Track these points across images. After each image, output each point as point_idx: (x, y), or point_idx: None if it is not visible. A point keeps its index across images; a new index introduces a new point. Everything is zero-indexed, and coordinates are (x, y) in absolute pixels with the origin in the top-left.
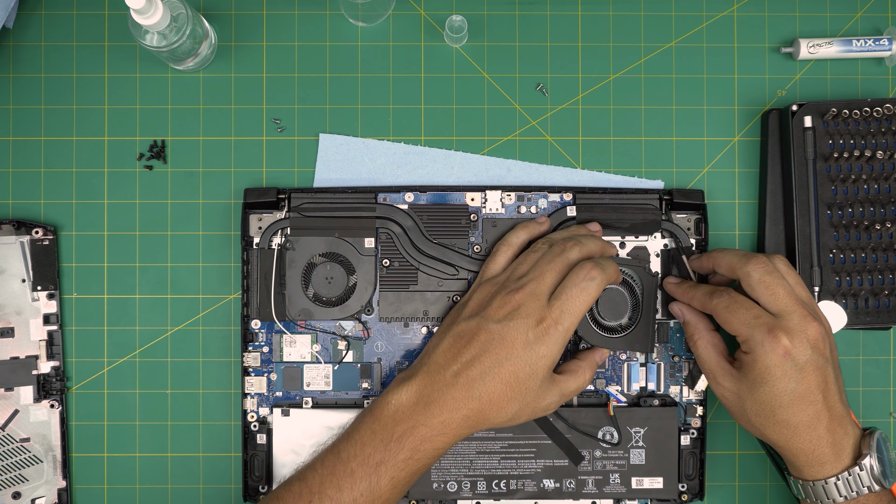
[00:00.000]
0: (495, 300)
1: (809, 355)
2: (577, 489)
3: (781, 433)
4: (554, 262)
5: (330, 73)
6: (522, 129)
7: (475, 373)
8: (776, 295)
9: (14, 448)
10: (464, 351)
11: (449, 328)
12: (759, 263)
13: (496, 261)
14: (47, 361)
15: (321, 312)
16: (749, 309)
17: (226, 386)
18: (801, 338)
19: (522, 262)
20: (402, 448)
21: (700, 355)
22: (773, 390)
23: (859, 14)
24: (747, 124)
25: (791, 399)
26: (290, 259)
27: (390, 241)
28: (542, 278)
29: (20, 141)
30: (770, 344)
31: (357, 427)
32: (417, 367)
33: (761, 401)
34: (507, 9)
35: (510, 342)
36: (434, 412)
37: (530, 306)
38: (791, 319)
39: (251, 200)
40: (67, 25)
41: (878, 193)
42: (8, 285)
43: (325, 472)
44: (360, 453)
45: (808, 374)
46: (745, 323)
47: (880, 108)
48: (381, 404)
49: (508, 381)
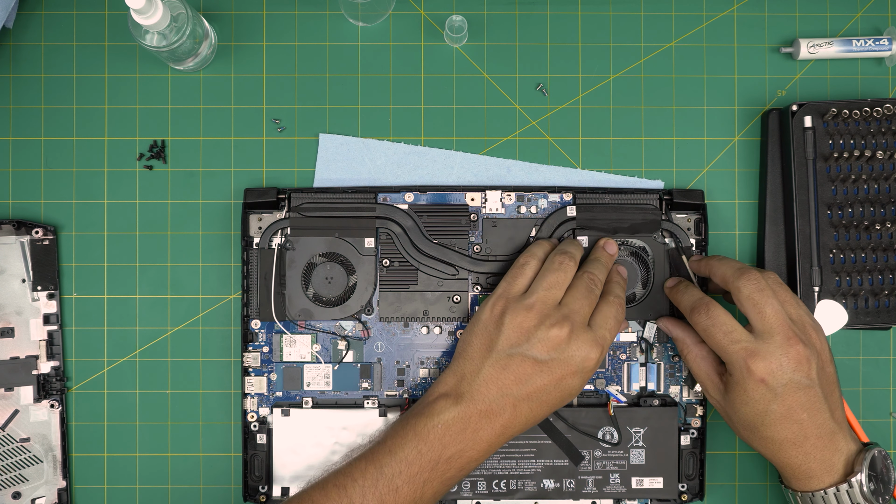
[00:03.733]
0: (538, 334)
1: (789, 378)
2: (577, 489)
3: (767, 447)
4: (590, 294)
5: (330, 73)
6: (522, 129)
7: (523, 403)
8: (763, 314)
9: (14, 448)
10: (510, 384)
11: (487, 355)
12: (750, 280)
13: (525, 274)
14: (47, 361)
15: (321, 312)
16: (727, 333)
17: (226, 386)
18: (780, 362)
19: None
20: (451, 468)
21: (691, 368)
22: (752, 411)
23: (859, 14)
24: (747, 124)
25: (773, 419)
26: (290, 259)
27: (390, 241)
28: (582, 311)
29: (20, 141)
30: (746, 371)
31: (401, 444)
32: (460, 392)
33: (744, 419)
34: (507, 9)
35: (561, 373)
36: (483, 438)
37: (579, 338)
38: (772, 342)
39: (251, 200)
40: (67, 25)
41: (878, 193)
42: (8, 285)
43: (367, 484)
44: (405, 471)
45: (787, 395)
46: (722, 347)
47: (880, 108)
48: (426, 425)
49: (554, 404)
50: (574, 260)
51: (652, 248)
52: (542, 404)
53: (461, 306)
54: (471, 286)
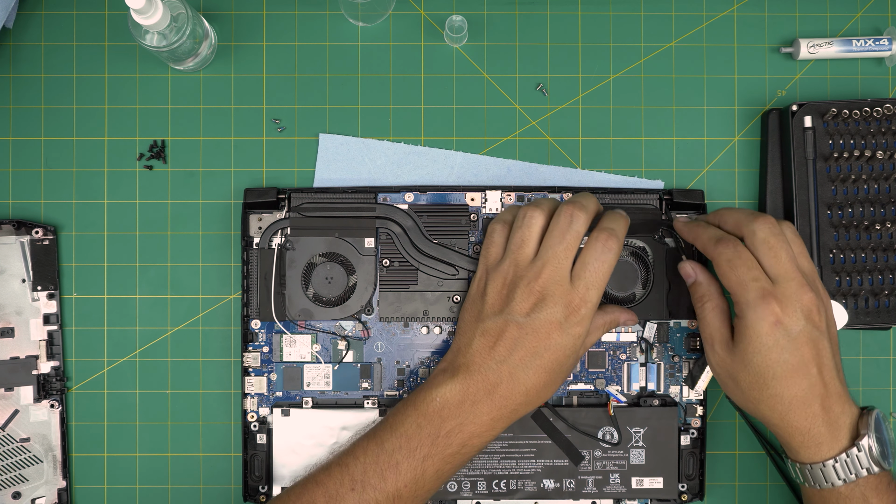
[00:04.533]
0: (517, 294)
1: (803, 325)
2: (577, 489)
3: (775, 408)
4: (565, 241)
5: (330, 73)
6: (522, 129)
7: (516, 369)
8: (778, 258)
9: (14, 448)
10: (498, 349)
11: (475, 326)
12: (766, 223)
13: (494, 241)
14: (47, 361)
15: (321, 312)
16: (751, 268)
17: (226, 386)
18: (794, 307)
19: (524, 243)
20: (451, 444)
21: (705, 318)
22: (765, 360)
23: (859, 14)
24: (747, 124)
25: (784, 370)
26: (290, 259)
27: (390, 241)
28: (557, 261)
29: (20, 141)
30: (762, 310)
31: (401, 420)
32: (456, 365)
33: (754, 372)
34: (507, 9)
35: (545, 333)
36: (483, 410)
37: (555, 293)
38: (788, 287)
39: (251, 200)
40: (67, 25)
41: (878, 193)
42: (8, 285)
43: (369, 460)
44: (405, 446)
45: (801, 345)
46: (742, 282)
47: (880, 108)
48: (424, 399)
49: (551, 368)
50: (541, 211)
51: (652, 248)
52: (539, 370)
53: (461, 306)
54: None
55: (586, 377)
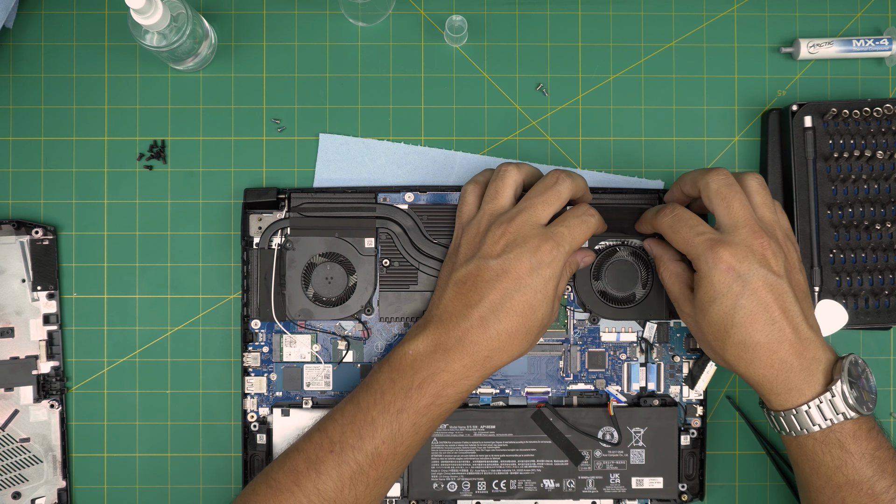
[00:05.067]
0: (488, 237)
1: (755, 270)
2: (577, 489)
3: (741, 357)
4: (547, 195)
5: (330, 73)
6: (522, 129)
7: (487, 311)
8: (730, 207)
9: (14, 448)
10: (470, 294)
11: (449, 277)
12: (718, 174)
13: (467, 201)
14: (47, 361)
15: (321, 312)
16: (692, 226)
17: (226, 386)
18: (744, 252)
19: (497, 194)
20: (424, 394)
21: (665, 285)
22: (721, 308)
23: (859, 14)
24: (747, 124)
25: (742, 317)
26: (290, 259)
27: (390, 241)
28: (533, 209)
29: (20, 141)
30: (710, 258)
31: (376, 378)
32: (428, 319)
33: (714, 322)
34: (507, 9)
35: (515, 273)
36: (454, 357)
37: (526, 234)
38: (738, 234)
39: (251, 200)
40: (67, 25)
41: (878, 193)
42: (8, 285)
43: (346, 421)
44: (379, 402)
45: (756, 289)
46: (688, 240)
47: (880, 108)
48: (397, 355)
49: (523, 311)
50: (517, 167)
51: None
52: (509, 313)
53: None
54: None
55: (586, 377)
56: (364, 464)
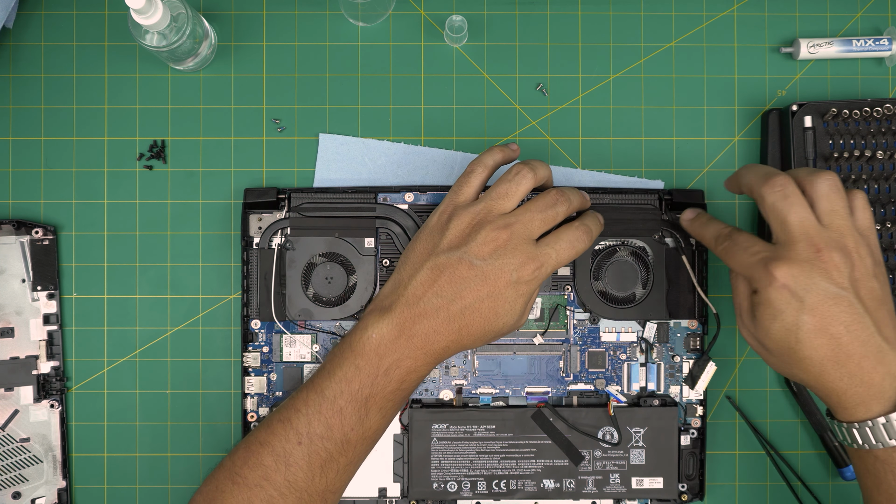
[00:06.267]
0: (480, 235)
1: (816, 284)
2: (577, 489)
3: (809, 371)
4: (545, 213)
5: (330, 73)
6: (522, 129)
7: (456, 308)
8: (785, 222)
9: (14, 448)
10: (445, 285)
11: (426, 258)
12: (773, 187)
13: (471, 183)
14: (47, 361)
15: (321, 312)
16: (745, 248)
17: (226, 386)
18: (800, 268)
19: (506, 196)
20: (390, 381)
21: (737, 287)
22: (783, 325)
23: (859, 14)
24: (747, 124)
25: (806, 333)
26: (290, 259)
27: (390, 241)
28: (531, 223)
29: (20, 141)
30: (766, 277)
31: (339, 363)
32: (394, 299)
33: (776, 339)
34: (507, 9)
35: (493, 280)
36: (417, 344)
37: (517, 247)
38: (794, 249)
39: (251, 200)
40: (67, 25)
41: (878, 193)
42: (8, 285)
43: (311, 411)
44: (346, 390)
45: (817, 305)
46: (743, 263)
47: (880, 108)
48: (360, 338)
49: (487, 316)
50: (534, 173)
51: (652, 248)
52: (476, 314)
53: None
54: None
55: (586, 377)
56: (334, 451)
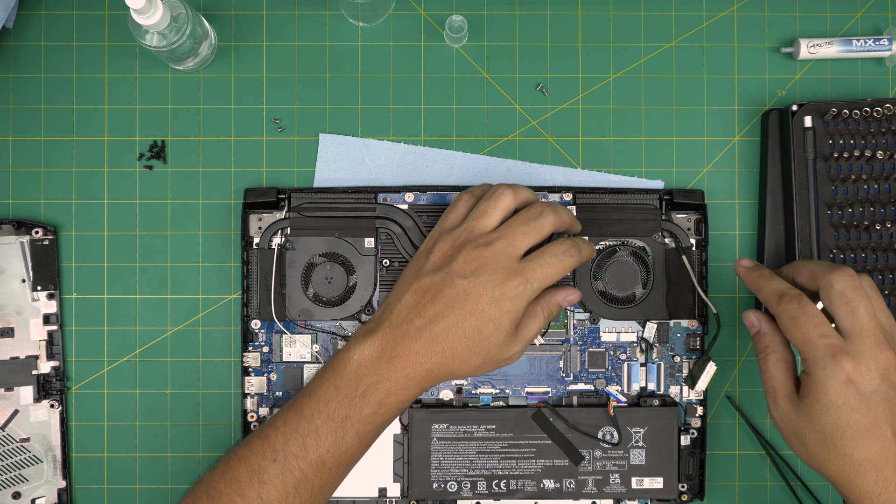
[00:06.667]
0: (461, 255)
1: (877, 385)
2: (577, 489)
3: (844, 470)
4: (528, 226)
5: (330, 73)
6: (522, 129)
7: (438, 328)
8: (855, 313)
9: (14, 448)
10: (428, 306)
11: (412, 282)
12: (844, 275)
13: (456, 209)
14: (47, 361)
15: (321, 312)
16: (817, 325)
17: (226, 386)
18: (868, 365)
19: (486, 213)
20: (368, 403)
21: (768, 370)
22: (833, 419)
23: (859, 14)
24: (747, 124)
25: (854, 431)
26: (290, 259)
27: (390, 241)
28: (513, 238)
29: (20, 141)
30: (831, 368)
31: (319, 384)
32: (379, 321)
33: (821, 430)
34: (507, 9)
35: (475, 298)
36: (398, 366)
37: (499, 263)
38: (862, 343)
39: (251, 200)
40: (67, 25)
41: (878, 193)
42: (8, 285)
43: (289, 430)
44: (323, 410)
45: (874, 405)
46: (809, 340)
47: (880, 108)
48: (342, 360)
49: (471, 335)
50: (514, 193)
51: (652, 248)
52: (459, 334)
53: None
54: None
55: (586, 377)
56: (308, 472)
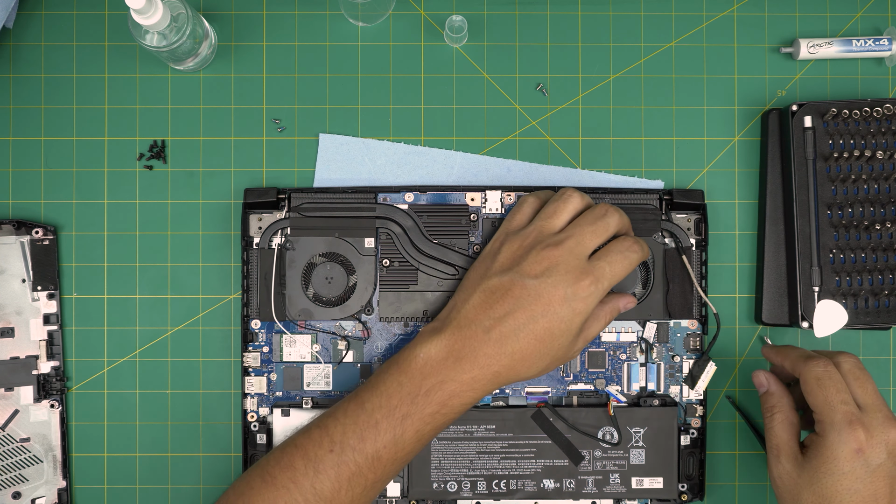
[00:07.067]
0: (531, 255)
1: (883, 460)
2: (577, 489)
3: None
4: (596, 225)
5: (330, 73)
6: (522, 129)
7: (508, 329)
8: (865, 388)
9: (14, 448)
10: (496, 306)
11: (479, 282)
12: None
13: (522, 211)
14: (47, 361)
15: (321, 312)
16: (840, 391)
17: (226, 386)
18: (879, 439)
19: (555, 214)
20: (430, 402)
21: (774, 429)
22: (836, 485)
23: (859, 14)
24: (747, 124)
25: (852, 500)
26: (290, 259)
27: (390, 241)
28: (582, 238)
29: (20, 141)
30: (846, 434)
31: (383, 378)
32: (446, 321)
33: (821, 493)
34: (507, 9)
35: (547, 298)
36: (465, 368)
37: (570, 263)
38: (875, 417)
39: (251, 200)
40: (67, 25)
41: (878, 193)
42: (8, 285)
43: (348, 421)
44: (385, 405)
45: (877, 478)
46: (829, 402)
47: (880, 108)
48: (408, 357)
49: (542, 337)
50: (581, 196)
51: (652, 248)
52: (528, 336)
53: None
54: None
55: (586, 377)
56: (363, 466)
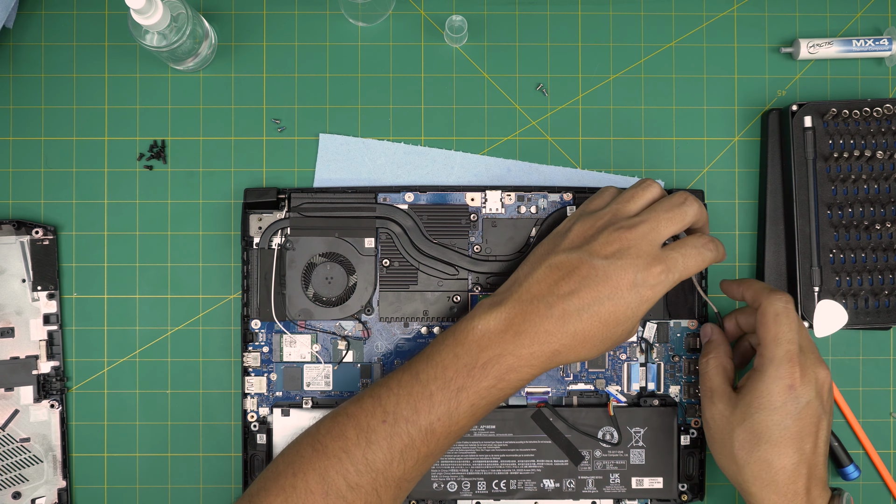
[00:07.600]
0: (602, 235)
1: (812, 398)
2: (577, 489)
3: (759, 476)
4: (672, 212)
5: (330, 73)
6: (522, 129)
7: (572, 308)
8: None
9: (14, 448)
10: (561, 283)
11: (545, 258)
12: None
13: (602, 197)
14: (47, 361)
15: (321, 312)
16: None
17: (226, 386)
18: (810, 377)
19: (632, 198)
20: (487, 376)
21: (707, 373)
22: (767, 420)
23: (859, 14)
24: (747, 124)
25: (782, 436)
26: (290, 259)
27: (390, 241)
28: (657, 223)
29: (20, 141)
30: (784, 370)
31: (438, 349)
32: (506, 294)
33: (752, 429)
34: (507, 9)
35: (616, 281)
36: (524, 342)
37: (642, 248)
38: (808, 357)
39: (251, 200)
40: (67, 25)
41: (878, 193)
42: (8, 285)
43: (402, 392)
44: (440, 376)
45: (805, 416)
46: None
47: (880, 108)
48: (465, 328)
49: (606, 321)
50: (661, 188)
51: None
52: (593, 317)
53: (461, 306)
54: (471, 286)
55: (586, 377)
56: (417, 438)
